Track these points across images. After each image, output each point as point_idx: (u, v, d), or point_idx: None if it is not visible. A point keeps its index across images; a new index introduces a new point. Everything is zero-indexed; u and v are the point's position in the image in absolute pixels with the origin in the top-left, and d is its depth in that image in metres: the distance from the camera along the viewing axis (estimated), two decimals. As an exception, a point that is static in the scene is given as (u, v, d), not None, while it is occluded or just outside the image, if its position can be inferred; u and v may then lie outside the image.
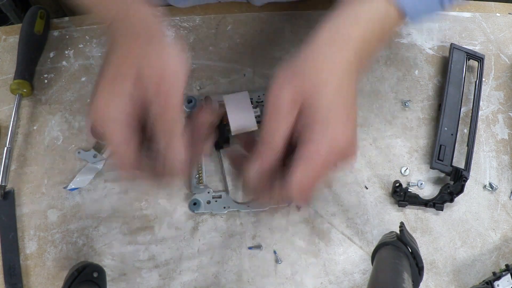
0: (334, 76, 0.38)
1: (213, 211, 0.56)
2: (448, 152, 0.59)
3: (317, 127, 0.37)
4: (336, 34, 0.40)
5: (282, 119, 0.38)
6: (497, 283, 0.53)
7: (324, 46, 0.40)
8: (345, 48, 0.39)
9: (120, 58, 0.38)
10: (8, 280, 0.53)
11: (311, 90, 0.37)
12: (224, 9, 0.66)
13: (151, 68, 0.37)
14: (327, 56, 0.39)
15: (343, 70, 0.39)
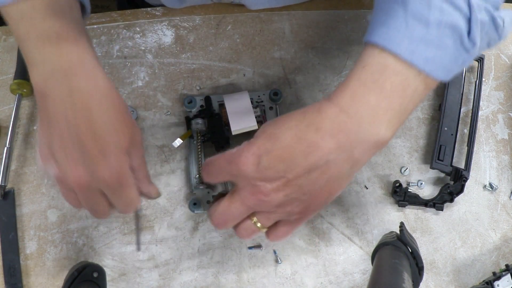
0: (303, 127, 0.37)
1: None
2: (448, 152, 0.59)
3: (242, 146, 0.40)
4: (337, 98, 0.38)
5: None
6: (497, 283, 0.53)
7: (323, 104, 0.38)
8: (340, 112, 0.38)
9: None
10: (8, 280, 0.53)
11: (271, 125, 0.39)
12: (224, 9, 0.66)
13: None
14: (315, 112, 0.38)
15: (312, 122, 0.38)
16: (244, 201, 0.39)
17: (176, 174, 0.58)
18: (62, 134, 0.37)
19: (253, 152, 0.37)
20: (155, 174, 0.58)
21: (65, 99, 0.36)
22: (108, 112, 0.38)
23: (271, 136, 0.37)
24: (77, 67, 0.37)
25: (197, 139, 0.59)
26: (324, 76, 0.63)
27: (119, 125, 0.38)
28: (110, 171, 0.37)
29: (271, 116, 0.60)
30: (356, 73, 0.38)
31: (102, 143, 0.37)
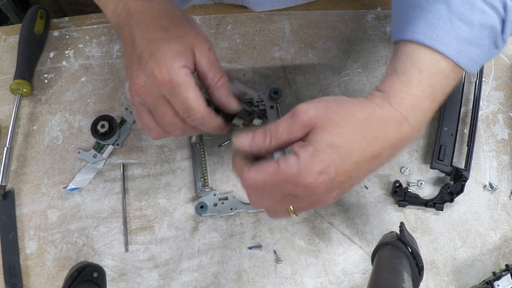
0: (363, 129, 0.37)
1: (220, 213, 0.56)
2: (448, 152, 0.59)
3: (300, 153, 0.36)
4: (388, 91, 0.39)
5: (294, 127, 0.38)
6: (497, 283, 0.53)
7: (376, 99, 0.38)
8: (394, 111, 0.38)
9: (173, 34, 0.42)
10: (8, 280, 0.53)
11: (328, 123, 0.37)
12: (224, 9, 0.66)
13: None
14: (367, 109, 0.38)
15: (373, 128, 0.37)
16: (300, 206, 0.39)
17: (176, 174, 0.58)
18: (129, 53, 0.43)
19: (321, 171, 0.35)
20: (155, 174, 0.58)
21: (126, 22, 0.43)
22: (159, 25, 0.42)
23: (337, 149, 0.36)
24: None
25: (200, 142, 0.59)
26: (324, 76, 0.63)
27: (170, 34, 0.41)
28: (161, 71, 0.39)
29: (271, 115, 0.60)
30: (415, 77, 0.38)
31: (152, 49, 0.40)
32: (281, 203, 0.39)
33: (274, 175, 0.36)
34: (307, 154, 0.36)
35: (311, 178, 0.35)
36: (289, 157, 0.36)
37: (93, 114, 0.61)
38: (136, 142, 0.60)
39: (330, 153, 0.35)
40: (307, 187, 0.36)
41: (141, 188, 0.58)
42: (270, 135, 0.39)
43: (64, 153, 0.59)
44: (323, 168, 0.35)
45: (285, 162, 0.36)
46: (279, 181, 0.36)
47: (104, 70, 0.63)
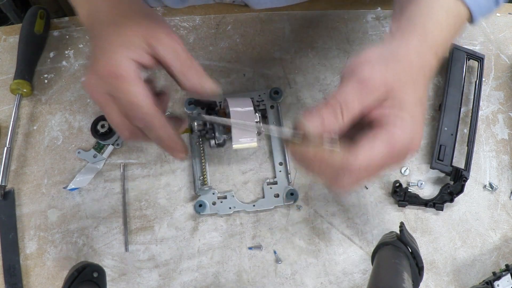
0: (422, 76, 0.38)
1: (219, 212, 0.56)
2: (448, 152, 0.59)
3: (404, 117, 0.35)
4: (423, 31, 0.39)
5: (366, 94, 0.35)
6: (497, 283, 0.53)
7: (414, 41, 0.39)
8: (431, 50, 0.40)
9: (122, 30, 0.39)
10: (8, 280, 0.53)
11: (402, 81, 0.36)
12: (224, 9, 0.66)
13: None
14: (418, 54, 0.38)
15: (427, 73, 0.39)
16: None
17: (176, 174, 0.58)
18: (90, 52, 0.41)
19: (422, 131, 0.36)
20: (155, 174, 0.58)
21: (90, 23, 0.42)
22: (113, 21, 0.40)
23: (423, 104, 0.37)
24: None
25: (199, 140, 0.59)
26: (324, 76, 0.63)
27: (120, 28, 0.39)
28: (104, 64, 0.37)
29: (272, 115, 0.60)
30: (443, 17, 0.40)
31: (100, 44, 0.39)
32: (375, 176, 0.38)
33: (390, 148, 0.34)
34: (409, 118, 0.34)
35: (419, 141, 0.35)
36: (396, 125, 0.34)
37: (93, 114, 0.61)
38: (136, 142, 0.60)
39: (421, 111, 0.36)
40: (412, 151, 0.35)
41: (141, 188, 0.58)
42: (340, 108, 0.34)
43: (64, 153, 0.59)
44: (422, 127, 0.36)
45: (398, 130, 0.34)
46: (393, 153, 0.34)
47: None
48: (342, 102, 0.34)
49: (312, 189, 0.59)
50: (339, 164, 0.34)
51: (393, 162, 0.36)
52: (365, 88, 0.35)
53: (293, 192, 0.57)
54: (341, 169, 0.34)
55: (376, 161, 0.34)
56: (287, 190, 0.57)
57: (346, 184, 0.36)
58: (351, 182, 0.35)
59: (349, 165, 0.34)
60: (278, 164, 0.59)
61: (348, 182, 0.35)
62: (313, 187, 0.59)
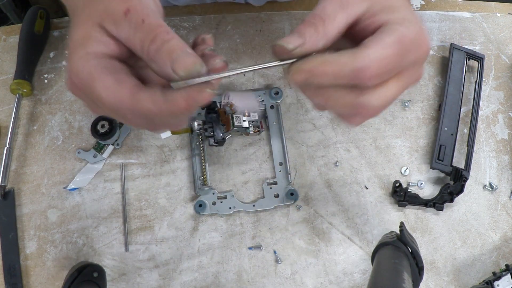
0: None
1: (219, 212, 0.56)
2: (448, 152, 0.59)
3: (404, 16, 0.32)
4: None
5: (347, 4, 0.33)
6: (497, 283, 0.53)
7: None
8: None
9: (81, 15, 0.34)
10: (8, 280, 0.53)
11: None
12: (224, 9, 0.66)
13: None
14: None
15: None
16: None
17: (176, 174, 0.58)
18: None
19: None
20: (155, 174, 0.58)
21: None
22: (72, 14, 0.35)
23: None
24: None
25: (199, 140, 0.59)
26: (324, 76, 0.63)
27: (77, 20, 0.33)
28: (71, 72, 0.32)
29: (272, 115, 0.60)
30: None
31: (69, 45, 0.33)
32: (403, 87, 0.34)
33: (400, 44, 0.31)
34: (409, 17, 0.32)
35: (427, 39, 0.33)
36: (399, 23, 0.32)
37: (93, 114, 0.61)
38: (136, 142, 0.60)
39: (416, 15, 0.34)
40: (424, 50, 0.33)
41: (141, 188, 0.58)
42: (322, 21, 0.32)
43: (64, 153, 0.59)
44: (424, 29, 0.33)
45: (402, 27, 0.31)
46: (405, 50, 0.31)
47: None
48: (323, 15, 0.32)
49: (312, 189, 0.59)
50: (351, 66, 0.30)
51: (408, 63, 0.33)
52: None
53: (293, 192, 0.57)
54: (356, 72, 0.30)
55: (389, 58, 0.31)
56: (287, 190, 0.57)
57: (366, 97, 0.32)
58: (371, 87, 0.32)
59: (363, 64, 0.30)
60: (278, 164, 0.59)
61: (367, 90, 0.32)
62: (313, 187, 0.59)
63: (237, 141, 0.60)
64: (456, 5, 0.70)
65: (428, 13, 0.69)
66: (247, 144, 0.60)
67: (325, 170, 0.60)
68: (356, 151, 0.61)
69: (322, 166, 0.60)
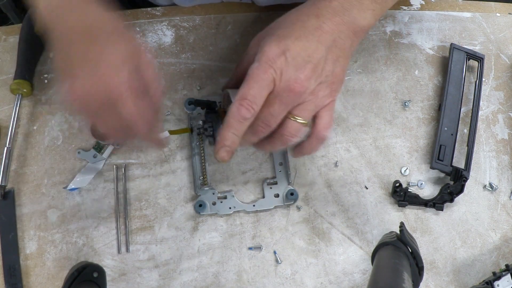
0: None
1: (219, 212, 0.56)
2: (448, 152, 0.59)
3: (257, 56, 0.44)
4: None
5: (246, 54, 0.48)
6: (497, 283, 0.53)
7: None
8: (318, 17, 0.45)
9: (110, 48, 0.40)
10: (8, 280, 0.53)
11: (267, 33, 0.47)
12: (224, 9, 0.66)
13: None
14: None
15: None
16: (282, 100, 0.43)
17: (176, 174, 0.58)
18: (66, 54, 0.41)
19: (278, 51, 0.43)
20: (155, 174, 0.58)
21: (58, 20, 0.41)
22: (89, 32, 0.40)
23: (280, 36, 0.43)
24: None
25: (199, 140, 0.59)
26: (324, 76, 0.63)
27: (106, 48, 0.40)
28: (99, 85, 0.39)
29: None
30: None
31: (87, 59, 0.39)
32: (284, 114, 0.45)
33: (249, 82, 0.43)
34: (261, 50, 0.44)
35: (270, 52, 0.43)
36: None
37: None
38: (136, 142, 0.60)
39: (274, 41, 0.43)
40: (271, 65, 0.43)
41: (141, 188, 0.58)
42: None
43: (64, 153, 0.59)
44: (278, 49, 0.43)
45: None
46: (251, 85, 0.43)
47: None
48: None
49: (312, 189, 0.59)
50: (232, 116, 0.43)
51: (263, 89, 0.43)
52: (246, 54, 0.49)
53: (293, 192, 0.57)
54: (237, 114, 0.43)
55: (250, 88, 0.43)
56: (287, 190, 0.57)
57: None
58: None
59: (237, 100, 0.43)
60: (278, 164, 0.59)
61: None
62: (313, 187, 0.59)
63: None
64: (456, 5, 0.70)
65: (428, 13, 0.69)
66: (247, 144, 0.60)
67: (325, 170, 0.60)
68: (356, 151, 0.61)
69: (322, 166, 0.60)
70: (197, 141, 0.59)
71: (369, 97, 0.63)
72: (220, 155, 0.45)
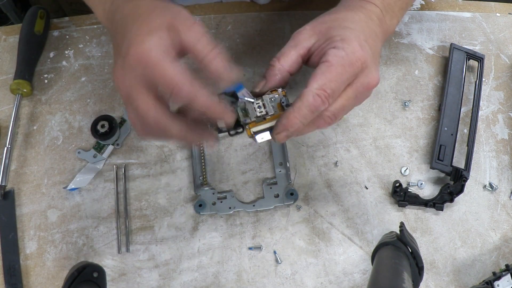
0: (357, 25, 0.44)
1: (219, 212, 0.56)
2: (448, 152, 0.59)
3: (337, 44, 0.41)
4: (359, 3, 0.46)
5: (295, 45, 0.43)
6: (497, 283, 0.53)
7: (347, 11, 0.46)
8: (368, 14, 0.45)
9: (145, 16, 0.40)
10: (8, 280, 0.53)
11: (333, 25, 0.43)
12: (224, 9, 0.66)
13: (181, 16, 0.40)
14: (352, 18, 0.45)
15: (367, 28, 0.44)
16: (358, 96, 0.43)
17: (176, 174, 0.58)
18: (114, 49, 0.43)
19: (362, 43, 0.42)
20: (155, 174, 0.58)
21: (112, 20, 0.43)
22: (136, 13, 0.41)
23: (355, 30, 0.43)
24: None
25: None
26: (324, 76, 0.63)
27: (144, 17, 0.40)
28: (132, 50, 0.38)
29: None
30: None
31: (126, 34, 0.39)
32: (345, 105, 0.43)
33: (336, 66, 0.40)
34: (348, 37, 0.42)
35: (360, 53, 0.41)
36: (335, 48, 0.41)
37: (93, 114, 0.61)
38: (136, 142, 0.60)
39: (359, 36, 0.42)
40: (360, 64, 0.41)
41: (141, 188, 0.58)
42: (276, 59, 0.44)
43: (64, 153, 0.59)
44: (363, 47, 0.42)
45: (339, 52, 0.40)
46: (340, 70, 0.40)
47: (104, 70, 0.63)
48: (278, 55, 0.44)
49: (312, 189, 0.59)
50: (306, 106, 0.40)
51: (347, 79, 0.41)
52: (293, 41, 0.44)
53: (293, 192, 0.57)
54: (312, 108, 0.40)
55: (329, 84, 0.40)
56: (287, 190, 0.57)
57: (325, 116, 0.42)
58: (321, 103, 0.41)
59: (311, 101, 0.40)
60: (278, 164, 0.59)
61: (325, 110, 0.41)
62: (313, 187, 0.59)
63: (237, 141, 0.60)
64: (456, 5, 0.70)
65: (428, 13, 0.69)
66: (247, 144, 0.60)
67: (325, 170, 0.60)
68: (356, 151, 0.61)
69: (322, 166, 0.60)
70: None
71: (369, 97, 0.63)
72: (280, 137, 0.42)
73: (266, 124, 0.43)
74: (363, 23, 0.44)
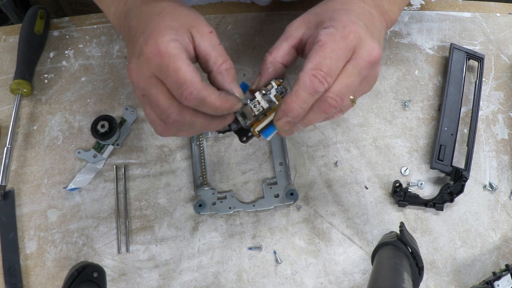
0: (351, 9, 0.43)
1: (219, 212, 0.56)
2: (448, 152, 0.59)
3: (326, 24, 0.40)
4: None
5: (286, 37, 0.44)
6: (497, 283, 0.53)
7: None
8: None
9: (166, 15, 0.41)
10: (8, 280, 0.53)
11: (323, 12, 0.43)
12: (224, 9, 0.66)
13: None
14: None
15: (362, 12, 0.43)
16: (361, 71, 0.40)
17: (176, 174, 0.58)
18: (128, 46, 0.42)
19: (353, 18, 0.41)
20: (155, 174, 0.58)
21: (125, 18, 0.44)
22: (153, 11, 0.41)
23: (346, 10, 0.42)
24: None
25: (199, 140, 0.59)
26: (324, 76, 0.63)
27: (163, 14, 0.40)
28: (148, 45, 0.37)
29: (271, 116, 0.60)
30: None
31: (143, 29, 0.39)
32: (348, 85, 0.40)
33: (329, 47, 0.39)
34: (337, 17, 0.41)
35: (352, 30, 0.39)
36: (326, 31, 0.40)
37: (93, 114, 0.61)
38: (136, 142, 0.60)
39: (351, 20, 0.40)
40: (353, 38, 0.39)
41: (141, 188, 0.58)
42: (268, 53, 0.44)
43: (64, 153, 0.59)
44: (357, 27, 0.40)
45: (330, 32, 0.39)
46: (333, 49, 0.38)
47: (104, 70, 0.63)
48: (271, 49, 0.44)
49: (312, 189, 0.59)
50: (305, 89, 0.38)
51: (344, 56, 0.39)
52: (284, 35, 0.45)
53: (293, 192, 0.57)
54: (312, 89, 0.38)
55: (325, 64, 0.38)
56: (287, 190, 0.57)
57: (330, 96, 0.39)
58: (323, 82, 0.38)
59: (309, 81, 0.38)
60: (278, 164, 0.59)
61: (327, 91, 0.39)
62: (313, 187, 0.59)
63: (237, 141, 0.60)
64: (456, 5, 0.70)
65: (428, 13, 0.69)
66: (247, 144, 0.60)
67: (325, 170, 0.60)
68: (356, 151, 0.61)
69: (322, 166, 0.60)
70: (197, 141, 0.59)
71: (369, 97, 0.63)
72: (281, 124, 0.40)
73: (267, 119, 0.42)
74: (355, 4, 0.43)
